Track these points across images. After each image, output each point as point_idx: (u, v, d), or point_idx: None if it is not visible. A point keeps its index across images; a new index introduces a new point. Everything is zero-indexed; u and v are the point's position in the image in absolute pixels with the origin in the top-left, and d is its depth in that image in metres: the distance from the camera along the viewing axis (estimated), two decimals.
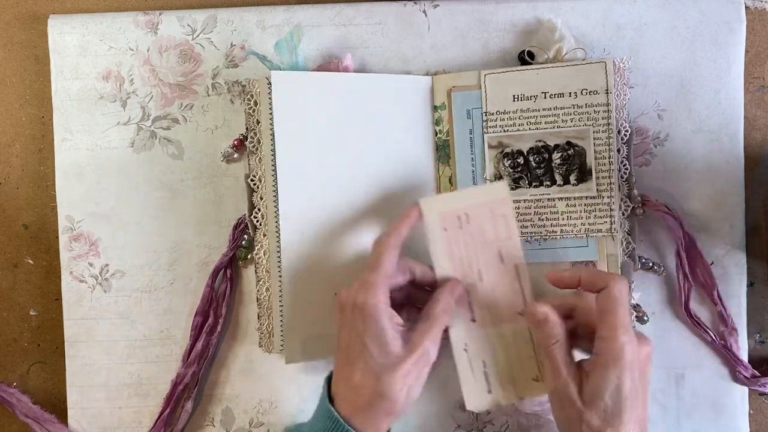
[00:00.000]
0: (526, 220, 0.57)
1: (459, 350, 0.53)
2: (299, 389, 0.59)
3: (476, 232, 0.52)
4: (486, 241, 0.52)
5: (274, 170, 0.56)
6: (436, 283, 0.53)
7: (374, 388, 0.47)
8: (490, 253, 0.52)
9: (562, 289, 0.51)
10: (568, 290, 0.51)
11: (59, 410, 0.60)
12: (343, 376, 0.49)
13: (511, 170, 0.56)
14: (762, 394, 0.59)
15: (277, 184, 0.55)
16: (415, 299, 0.54)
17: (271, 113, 0.55)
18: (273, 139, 0.55)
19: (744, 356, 0.58)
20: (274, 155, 0.56)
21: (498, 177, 0.57)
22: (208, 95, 0.59)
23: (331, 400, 0.49)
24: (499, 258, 0.52)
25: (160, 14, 0.59)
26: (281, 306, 0.56)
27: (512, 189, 0.57)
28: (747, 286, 0.58)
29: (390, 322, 0.48)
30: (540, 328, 0.49)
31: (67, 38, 0.59)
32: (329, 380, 0.51)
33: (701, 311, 0.58)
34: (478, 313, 0.53)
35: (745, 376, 0.57)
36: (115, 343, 0.59)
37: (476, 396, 0.53)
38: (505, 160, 0.56)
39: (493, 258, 0.52)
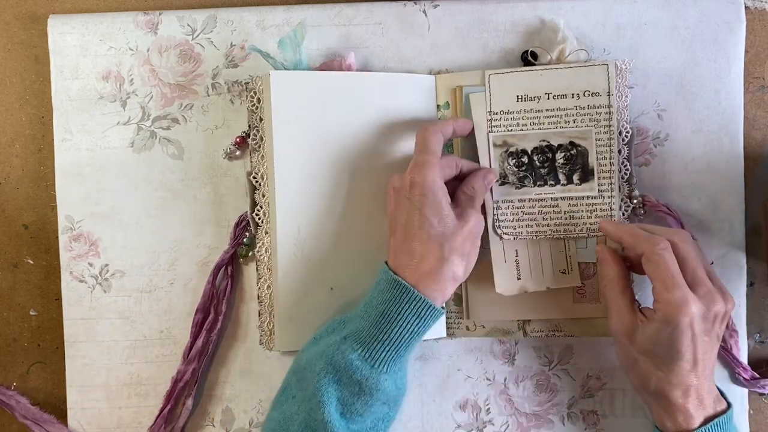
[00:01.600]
0: (530, 220, 0.57)
1: (494, 237, 0.57)
2: None
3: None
4: None
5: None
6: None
7: (438, 254, 0.50)
8: None
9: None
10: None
11: (59, 410, 0.60)
12: (405, 249, 0.51)
13: (516, 169, 0.57)
14: (762, 394, 0.59)
15: (275, 181, 0.55)
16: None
17: None
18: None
19: (743, 357, 0.58)
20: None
21: (503, 176, 0.57)
22: (208, 95, 0.59)
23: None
24: None
25: (160, 14, 0.59)
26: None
27: (517, 188, 0.57)
28: (747, 286, 0.58)
29: (445, 196, 0.52)
30: (598, 265, 0.54)
31: (67, 38, 0.59)
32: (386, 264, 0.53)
33: None
34: None
35: (744, 378, 0.57)
36: (115, 343, 0.59)
37: (506, 281, 0.57)
38: (510, 159, 0.57)
39: None
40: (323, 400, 0.49)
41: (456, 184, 0.55)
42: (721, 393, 0.52)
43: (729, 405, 0.51)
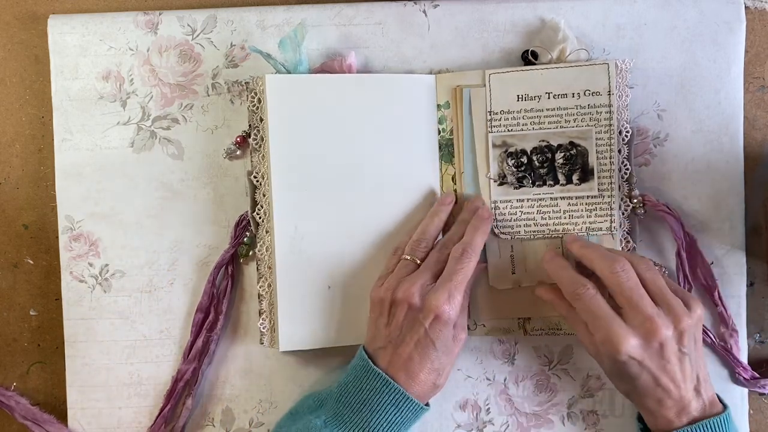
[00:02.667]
0: (529, 219, 0.57)
1: (491, 235, 0.57)
2: (299, 389, 0.59)
3: None
4: None
5: None
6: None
7: (435, 382, 0.52)
8: None
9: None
10: None
11: (59, 410, 0.60)
12: (405, 367, 0.51)
13: (515, 169, 0.57)
14: (762, 394, 0.59)
15: (273, 181, 0.55)
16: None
17: None
18: None
19: (744, 357, 0.58)
20: None
21: (502, 176, 0.57)
22: (208, 95, 0.59)
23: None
24: None
25: (160, 14, 0.59)
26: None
27: (516, 188, 0.57)
28: (747, 286, 0.58)
29: (452, 330, 0.52)
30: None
31: (67, 38, 0.59)
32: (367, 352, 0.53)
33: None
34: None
35: (744, 378, 0.57)
36: (115, 343, 0.59)
37: (500, 275, 0.57)
38: (509, 159, 0.57)
39: None
40: None
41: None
42: (719, 397, 0.51)
43: (725, 408, 0.51)
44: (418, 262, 0.54)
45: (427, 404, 0.53)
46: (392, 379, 0.50)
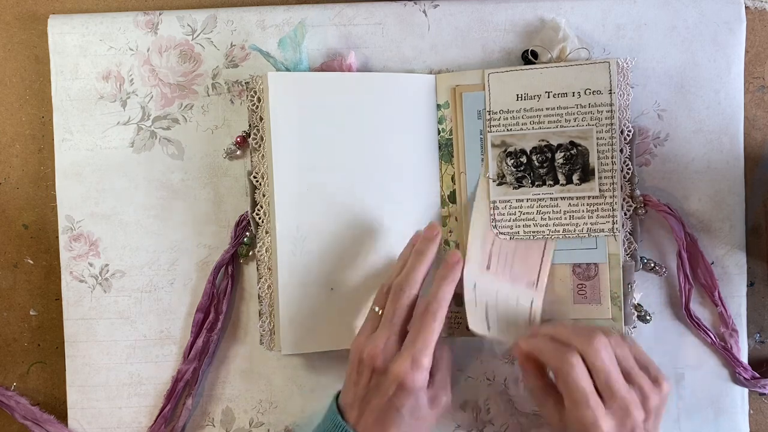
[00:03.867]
0: (528, 220, 0.57)
1: (469, 286, 0.56)
2: (299, 389, 0.59)
3: None
4: None
5: None
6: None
7: None
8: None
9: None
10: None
11: (59, 410, 0.60)
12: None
13: (514, 169, 0.56)
14: (762, 394, 0.59)
15: (274, 181, 0.55)
16: None
17: None
18: None
19: (744, 357, 0.58)
20: None
21: (501, 176, 0.57)
22: (208, 95, 0.59)
23: None
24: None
25: (160, 14, 0.59)
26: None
27: (515, 188, 0.57)
28: (747, 286, 0.58)
29: (425, 393, 0.50)
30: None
31: (67, 38, 0.59)
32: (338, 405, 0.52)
33: (701, 311, 0.58)
34: (494, 263, 0.56)
35: (744, 378, 0.57)
36: (115, 343, 0.59)
37: (477, 322, 0.56)
38: (508, 159, 0.57)
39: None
40: None
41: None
42: None
43: None
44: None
45: None
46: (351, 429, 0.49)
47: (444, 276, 0.52)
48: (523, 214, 0.57)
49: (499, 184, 0.57)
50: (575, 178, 0.56)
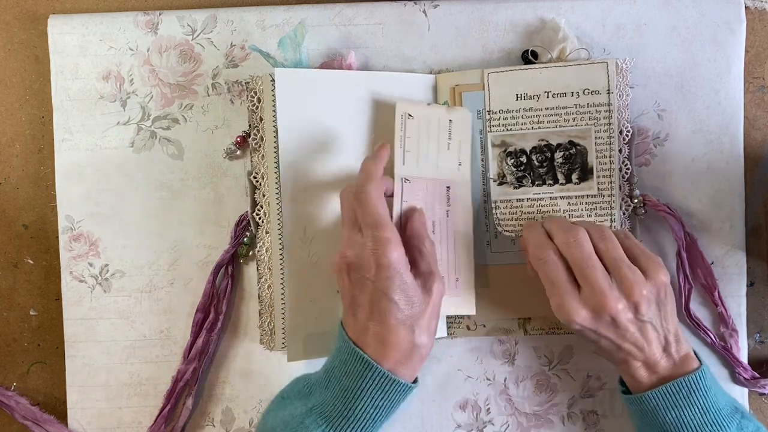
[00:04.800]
0: (529, 219, 0.57)
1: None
2: None
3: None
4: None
5: (277, 167, 0.56)
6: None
7: (410, 340, 0.48)
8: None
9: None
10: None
11: (59, 410, 0.60)
12: (373, 332, 0.48)
13: (514, 169, 0.57)
14: (762, 394, 0.59)
15: (279, 181, 0.55)
16: None
17: (274, 110, 0.55)
18: (276, 137, 0.55)
19: (744, 357, 0.58)
20: (277, 152, 0.56)
21: (501, 176, 0.57)
22: (208, 95, 0.59)
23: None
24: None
25: (160, 14, 0.59)
26: (283, 303, 0.56)
27: (515, 188, 0.57)
28: (747, 286, 0.58)
29: (409, 273, 0.49)
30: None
31: (67, 38, 0.59)
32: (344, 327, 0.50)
33: (701, 311, 0.58)
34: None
35: (744, 378, 0.57)
36: (115, 343, 0.59)
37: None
38: (509, 158, 0.57)
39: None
40: None
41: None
42: (696, 354, 0.51)
43: (700, 364, 0.50)
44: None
45: (415, 381, 0.50)
46: (366, 354, 0.48)
47: (369, 157, 0.52)
48: (524, 213, 0.57)
49: (499, 184, 0.57)
50: (574, 177, 0.56)
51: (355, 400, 0.47)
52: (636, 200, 0.57)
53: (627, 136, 0.56)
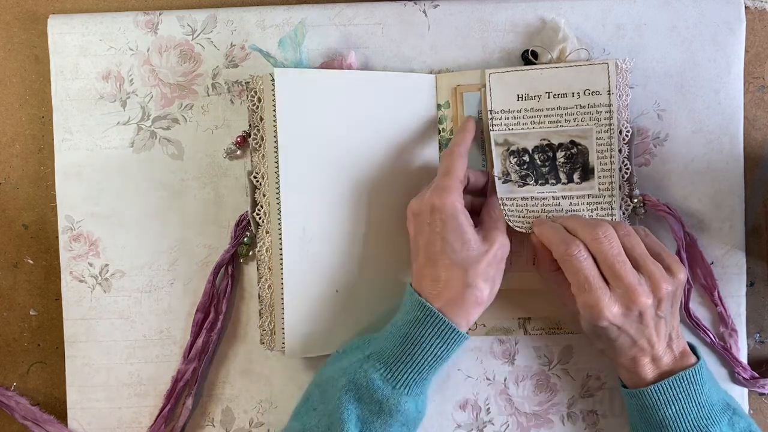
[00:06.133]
0: (535, 217, 0.56)
1: None
2: (299, 389, 0.59)
3: None
4: None
5: (277, 167, 0.56)
6: (487, 187, 0.57)
7: (463, 281, 0.50)
8: None
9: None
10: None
11: (59, 410, 0.60)
12: (428, 274, 0.51)
13: (518, 167, 0.57)
14: (761, 394, 0.59)
15: (279, 181, 0.55)
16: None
17: (274, 110, 0.55)
18: (276, 136, 0.55)
19: (743, 357, 0.58)
20: (277, 152, 0.56)
21: (506, 174, 0.57)
22: (208, 95, 0.59)
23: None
24: None
25: (160, 14, 0.59)
26: (283, 303, 0.56)
27: (520, 186, 0.57)
28: (747, 286, 0.58)
29: (467, 219, 0.51)
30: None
31: (67, 38, 0.59)
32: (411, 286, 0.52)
33: (701, 311, 0.58)
34: None
35: (744, 378, 0.57)
36: (115, 343, 0.59)
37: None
38: (512, 157, 0.57)
39: None
40: (343, 417, 0.49)
41: (481, 201, 0.56)
42: (693, 348, 0.52)
43: (697, 359, 0.51)
44: None
45: (468, 331, 0.51)
46: (417, 293, 0.50)
47: (462, 128, 0.55)
48: (530, 212, 0.57)
49: (504, 182, 0.57)
50: (576, 177, 0.56)
51: (414, 346, 0.50)
52: (636, 200, 0.57)
53: (627, 136, 0.56)
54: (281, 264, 0.56)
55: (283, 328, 0.56)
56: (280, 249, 0.56)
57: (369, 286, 0.57)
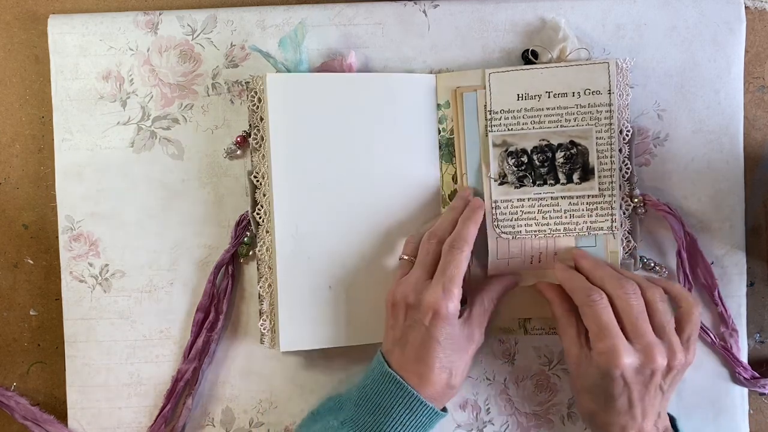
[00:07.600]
0: (530, 219, 0.57)
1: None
2: (299, 389, 0.59)
3: None
4: None
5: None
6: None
7: (447, 382, 0.51)
8: None
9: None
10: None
11: (59, 410, 0.60)
12: (414, 369, 0.51)
13: (515, 169, 0.56)
14: (762, 394, 0.59)
15: (272, 180, 0.55)
16: None
17: None
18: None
19: (744, 357, 0.58)
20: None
21: (502, 175, 0.57)
22: (208, 95, 0.59)
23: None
24: None
25: (160, 14, 0.59)
26: None
27: (516, 188, 0.57)
28: (747, 286, 0.58)
29: (458, 322, 0.52)
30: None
31: (67, 38, 0.59)
32: (384, 357, 0.53)
33: (701, 311, 0.58)
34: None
35: (744, 378, 0.57)
36: (115, 343, 0.59)
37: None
38: (509, 158, 0.57)
39: None
40: None
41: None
42: (673, 421, 0.53)
43: None
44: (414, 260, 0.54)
45: (444, 409, 0.53)
46: (404, 381, 0.51)
47: (468, 217, 0.54)
48: (525, 213, 0.57)
49: (500, 184, 0.57)
50: (575, 177, 0.56)
51: (385, 417, 0.50)
52: (636, 200, 0.57)
53: (627, 136, 0.56)
54: None
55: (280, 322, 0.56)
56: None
57: (361, 283, 0.57)
